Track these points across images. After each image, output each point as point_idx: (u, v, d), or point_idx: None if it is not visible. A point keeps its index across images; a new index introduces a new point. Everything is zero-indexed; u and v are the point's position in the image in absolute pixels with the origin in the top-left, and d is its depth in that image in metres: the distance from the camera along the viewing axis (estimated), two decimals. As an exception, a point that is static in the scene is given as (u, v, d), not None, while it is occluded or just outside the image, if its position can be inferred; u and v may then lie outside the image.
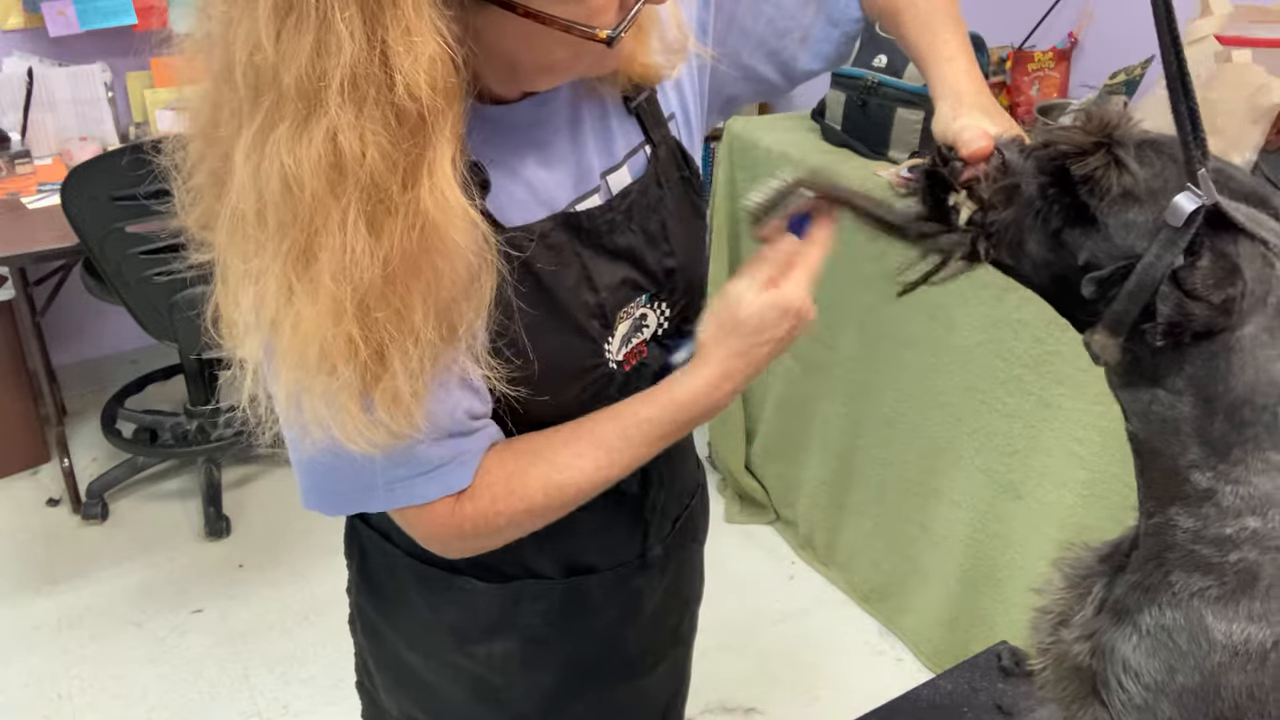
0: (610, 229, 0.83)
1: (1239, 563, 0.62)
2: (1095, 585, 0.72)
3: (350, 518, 1.04)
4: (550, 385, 0.81)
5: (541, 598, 0.97)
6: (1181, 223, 0.59)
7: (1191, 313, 0.60)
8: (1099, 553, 0.76)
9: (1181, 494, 0.65)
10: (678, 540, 1.06)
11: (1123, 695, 0.66)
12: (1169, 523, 0.66)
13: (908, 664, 2.24)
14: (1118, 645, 0.67)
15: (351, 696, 1.16)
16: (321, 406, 0.67)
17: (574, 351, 0.83)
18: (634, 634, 1.06)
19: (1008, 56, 2.42)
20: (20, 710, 2.11)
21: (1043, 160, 0.66)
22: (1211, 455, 0.63)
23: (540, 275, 0.79)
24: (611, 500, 0.89)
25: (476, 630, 0.97)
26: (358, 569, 1.06)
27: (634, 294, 0.86)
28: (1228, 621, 0.62)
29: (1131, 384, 0.66)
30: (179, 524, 2.66)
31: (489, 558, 0.89)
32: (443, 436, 0.76)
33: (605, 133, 0.85)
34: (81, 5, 2.61)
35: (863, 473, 2.31)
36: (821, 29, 0.98)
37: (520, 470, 0.80)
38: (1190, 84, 0.60)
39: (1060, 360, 1.79)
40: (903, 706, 1.13)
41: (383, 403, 0.67)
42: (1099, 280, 0.63)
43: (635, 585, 1.02)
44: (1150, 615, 0.66)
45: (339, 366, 0.65)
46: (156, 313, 2.35)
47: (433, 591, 0.97)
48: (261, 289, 0.66)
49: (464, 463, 0.78)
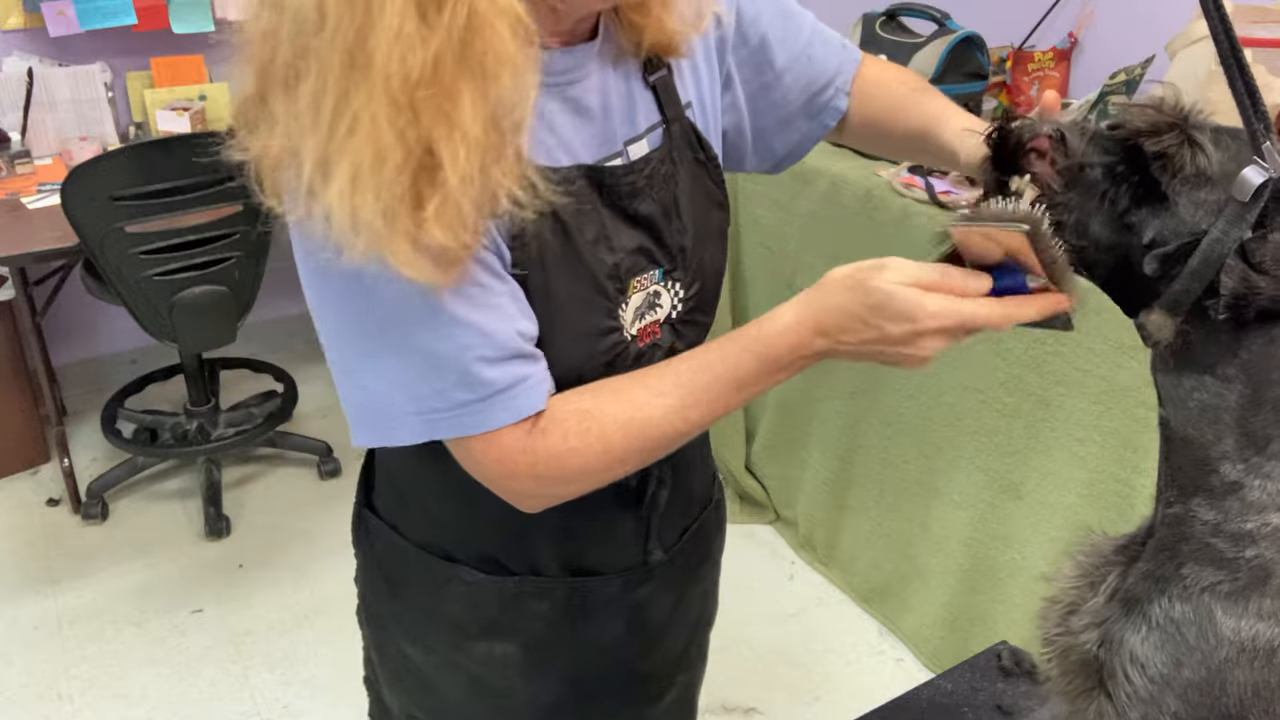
0: (632, 193, 0.83)
1: (1254, 559, 0.62)
2: (1110, 574, 0.72)
3: (358, 506, 1.02)
4: (567, 342, 0.80)
5: (543, 597, 0.96)
6: (1249, 196, 0.59)
7: (1258, 286, 0.59)
8: (1116, 543, 0.75)
9: (1207, 485, 0.65)
10: (685, 552, 1.04)
11: (1129, 687, 0.66)
12: (1189, 513, 0.66)
13: (908, 664, 2.24)
14: (1126, 636, 0.67)
15: (351, 696, 1.17)
16: (379, 220, 0.66)
17: (592, 308, 0.82)
18: (639, 651, 1.04)
19: (1008, 56, 2.42)
20: (20, 710, 2.11)
21: (1111, 140, 0.66)
22: (1247, 447, 0.63)
23: (564, 220, 0.78)
24: (610, 495, 0.88)
25: (476, 626, 0.97)
26: (365, 559, 1.05)
27: (649, 265, 0.85)
28: (1236, 618, 0.62)
29: (1178, 368, 0.66)
30: (179, 524, 2.66)
31: (494, 549, 0.90)
32: (506, 356, 0.74)
33: (629, 101, 0.85)
34: (81, 5, 2.61)
35: (863, 473, 2.31)
36: (802, 118, 1.00)
37: (595, 407, 0.77)
38: (1245, 60, 0.59)
39: (1060, 360, 1.79)
40: (903, 706, 1.13)
41: (438, 215, 0.66)
42: (1163, 256, 0.62)
43: (640, 596, 1.00)
44: (1160, 607, 0.66)
45: (391, 165, 0.64)
46: (156, 313, 2.35)
47: (436, 582, 0.96)
48: (320, 84, 0.65)
49: (531, 388, 0.75)
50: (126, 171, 2.15)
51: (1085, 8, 2.36)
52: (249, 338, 3.22)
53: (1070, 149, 0.67)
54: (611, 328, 0.83)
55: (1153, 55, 2.13)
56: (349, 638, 1.14)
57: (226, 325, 2.46)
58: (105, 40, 2.76)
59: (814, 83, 0.97)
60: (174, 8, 2.73)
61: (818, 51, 0.97)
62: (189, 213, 2.24)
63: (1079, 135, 0.68)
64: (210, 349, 2.58)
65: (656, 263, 0.86)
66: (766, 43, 0.95)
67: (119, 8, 2.65)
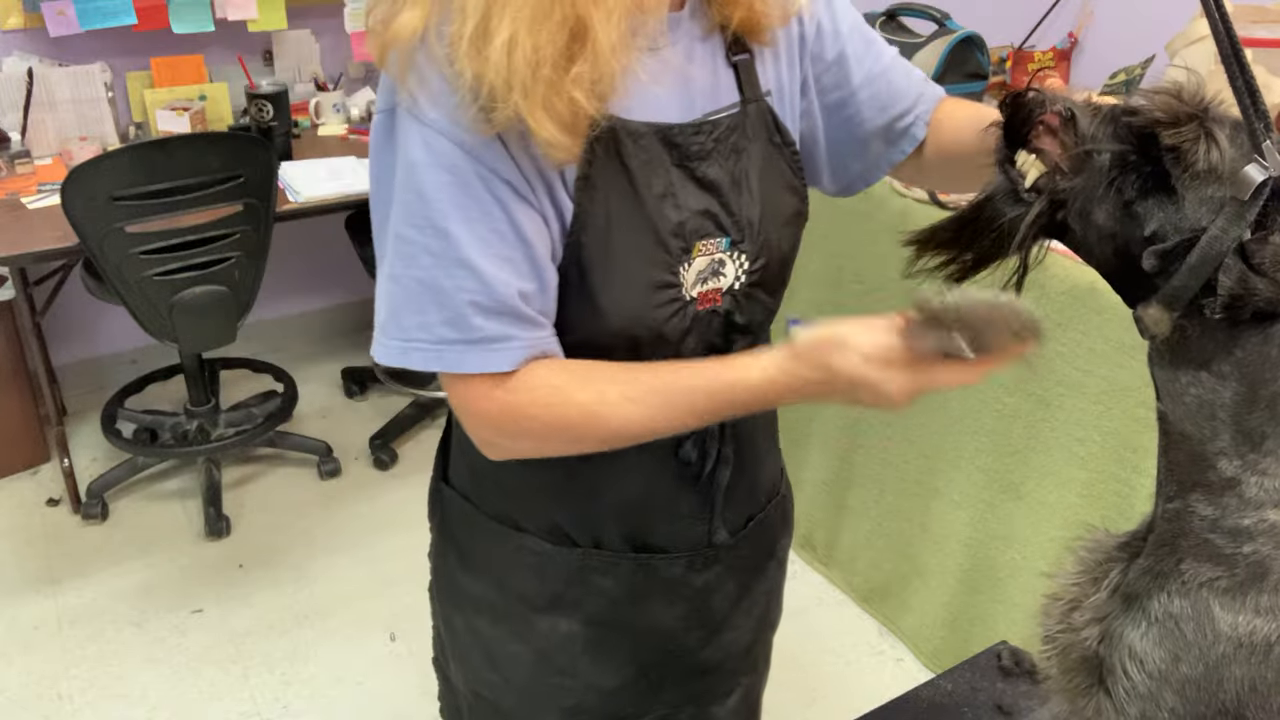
0: (700, 155, 0.86)
1: (1252, 555, 0.62)
2: (1113, 570, 0.71)
3: (435, 480, 1.07)
4: (622, 290, 0.83)
5: (607, 572, 0.98)
6: (1248, 195, 0.58)
7: (1255, 288, 0.58)
8: (1119, 539, 0.75)
9: (1204, 480, 0.65)
10: (750, 541, 1.05)
11: (1127, 683, 0.66)
12: (1187, 509, 0.66)
13: (908, 664, 2.24)
14: (1126, 632, 0.67)
15: (351, 696, 1.17)
16: (529, 78, 0.72)
17: (652, 260, 0.84)
18: (701, 640, 1.05)
19: (1008, 56, 2.42)
20: (20, 710, 2.11)
21: (1125, 127, 0.64)
22: (1243, 444, 0.62)
23: (631, 171, 0.82)
24: (672, 470, 0.94)
25: (543, 599, 0.99)
26: (439, 532, 1.08)
27: (715, 230, 0.87)
28: (1234, 613, 0.62)
29: (1174, 363, 0.65)
30: (179, 524, 2.66)
31: (561, 519, 0.95)
32: (499, 310, 0.79)
33: (714, 79, 0.88)
34: (81, 5, 2.61)
35: (863, 473, 2.31)
36: (879, 141, 1.00)
37: (568, 386, 0.82)
38: (1245, 58, 0.59)
39: (1060, 360, 1.79)
40: (903, 706, 1.13)
41: (578, 79, 0.74)
42: (1161, 253, 0.62)
43: (703, 580, 1.02)
44: (1159, 602, 0.66)
45: (547, 27, 0.72)
46: (156, 313, 2.35)
47: (505, 552, 0.99)
48: None
49: (509, 349, 0.80)
50: (126, 171, 2.15)
51: (1085, 8, 2.36)
52: (249, 338, 3.23)
53: (1080, 130, 0.66)
54: (668, 283, 0.85)
55: (1153, 55, 2.13)
56: (349, 638, 1.14)
57: (226, 325, 2.46)
58: (105, 40, 2.76)
59: (891, 107, 0.98)
60: (174, 8, 2.73)
61: (897, 78, 0.98)
62: (189, 213, 2.24)
63: (1089, 117, 0.66)
64: (210, 349, 2.58)
65: (724, 230, 0.88)
66: (845, 58, 0.96)
67: (119, 8, 2.65)
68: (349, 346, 3.47)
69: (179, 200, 2.21)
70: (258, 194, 2.32)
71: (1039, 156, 0.69)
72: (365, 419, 3.09)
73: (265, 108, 2.64)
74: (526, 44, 0.71)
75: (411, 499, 2.77)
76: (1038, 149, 0.69)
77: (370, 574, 2.49)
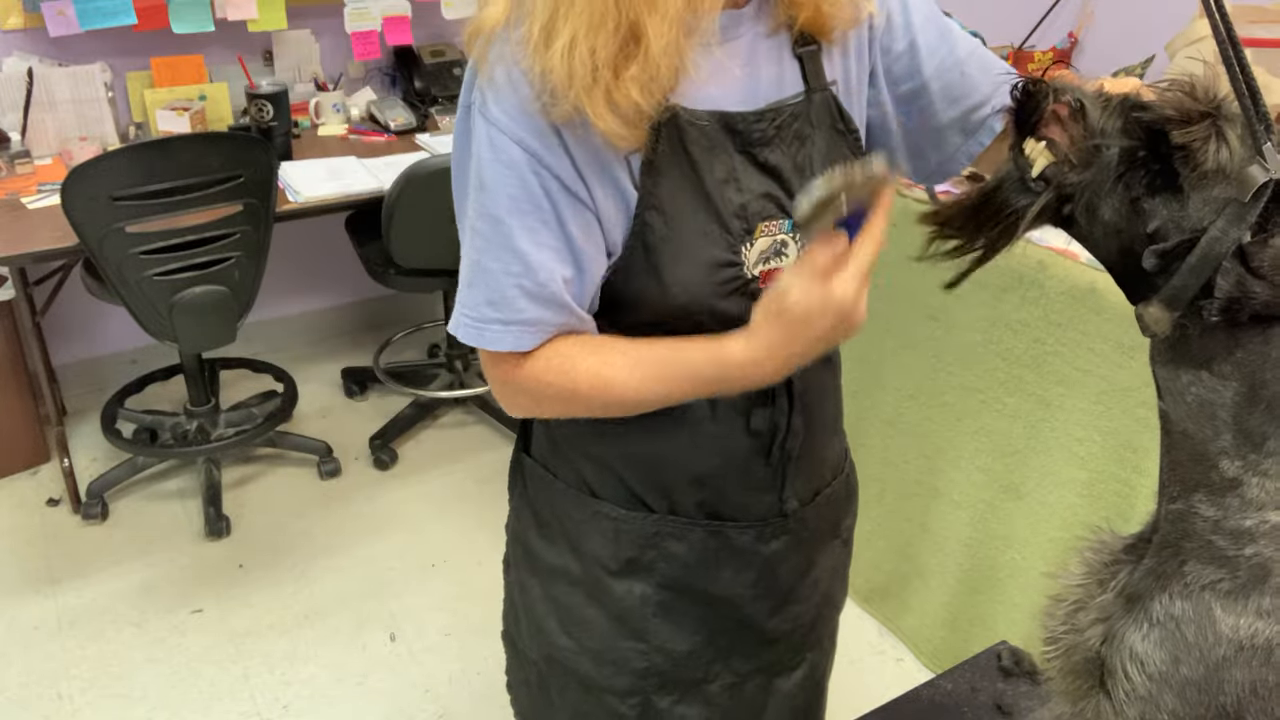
0: (762, 141, 0.89)
1: (1254, 557, 0.62)
2: (1120, 572, 0.71)
3: (516, 452, 1.13)
4: (685, 268, 0.88)
5: (681, 538, 1.02)
6: (1249, 196, 0.58)
7: (1252, 291, 0.58)
8: (1126, 541, 0.75)
9: (1207, 481, 0.64)
10: (818, 514, 1.09)
11: (1127, 685, 0.65)
12: (1190, 510, 0.65)
13: (908, 664, 2.24)
14: (1128, 633, 0.66)
15: (351, 696, 1.17)
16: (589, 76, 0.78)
17: (713, 240, 0.88)
18: (769, 610, 1.09)
19: (1008, 56, 2.42)
20: (20, 710, 2.11)
21: (1135, 122, 0.64)
22: (1244, 444, 0.62)
23: (693, 157, 0.86)
24: (744, 441, 0.99)
25: (617, 563, 1.04)
26: (518, 502, 1.14)
27: (778, 213, 0.91)
28: (1235, 616, 0.62)
29: (1175, 362, 0.65)
30: (179, 524, 2.66)
31: (637, 485, 1.01)
32: (542, 295, 0.86)
33: (779, 70, 0.91)
34: (81, 5, 2.61)
35: (863, 473, 2.30)
36: (956, 132, 1.01)
37: (578, 354, 0.89)
38: (1245, 59, 0.58)
39: (1060, 360, 1.79)
40: (903, 706, 1.13)
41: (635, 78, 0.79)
42: (1162, 252, 0.62)
43: (772, 550, 1.06)
44: (1160, 604, 0.65)
45: (604, 31, 0.78)
46: (156, 313, 2.35)
47: (583, 517, 1.04)
48: None
49: (536, 332, 0.88)
50: (126, 171, 2.14)
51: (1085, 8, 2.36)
52: (249, 338, 3.23)
53: (1089, 123, 0.65)
54: (730, 261, 0.89)
55: (1153, 55, 2.13)
56: (349, 638, 1.14)
57: (226, 325, 2.46)
58: (105, 40, 2.76)
59: (966, 98, 0.98)
60: (174, 8, 2.73)
61: (973, 70, 0.98)
62: (189, 213, 2.24)
63: (1099, 109, 0.65)
64: (210, 349, 2.58)
65: (786, 213, 0.91)
66: (916, 49, 0.97)
67: (119, 8, 2.65)
68: (349, 346, 3.47)
69: (179, 200, 2.21)
70: (258, 194, 2.32)
71: (1048, 146, 0.69)
72: (365, 419, 3.09)
73: (265, 108, 2.64)
74: (584, 46, 0.77)
75: (411, 499, 2.77)
76: (1047, 138, 0.69)
77: (370, 574, 2.49)
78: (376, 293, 3.38)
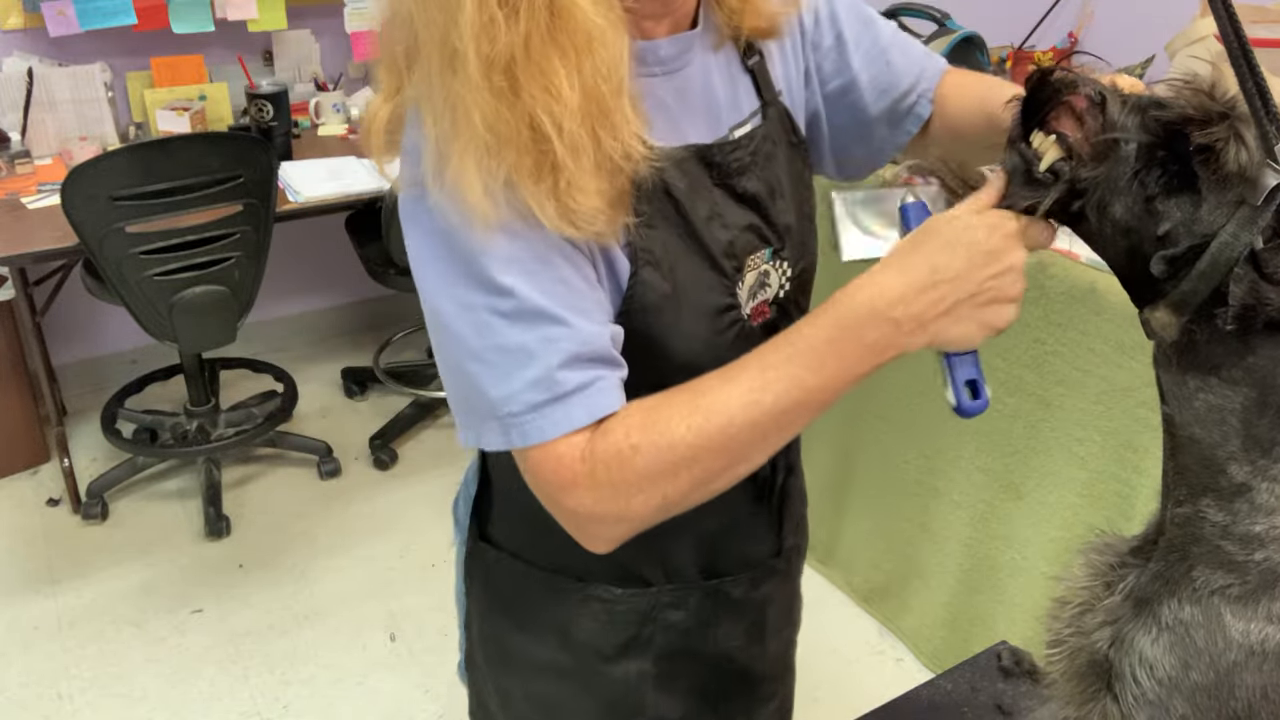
0: (740, 170, 0.83)
1: (1264, 562, 0.61)
2: (1128, 575, 0.70)
3: (472, 543, 0.98)
4: (691, 321, 0.80)
5: (680, 605, 0.94)
6: (1261, 200, 0.56)
7: (1267, 298, 0.57)
8: (1131, 543, 0.73)
9: (1215, 485, 0.63)
10: (798, 545, 1.05)
11: (1136, 690, 0.64)
12: (1198, 514, 0.64)
13: (908, 664, 2.24)
14: (1137, 638, 0.65)
15: (351, 696, 1.16)
16: (501, 195, 0.68)
17: (710, 285, 0.81)
18: (758, 654, 1.05)
19: (1008, 56, 2.42)
20: (20, 710, 2.11)
21: (1155, 121, 0.61)
22: (1254, 450, 0.61)
23: (677, 198, 0.79)
24: (748, 492, 0.92)
25: (613, 647, 0.94)
26: (482, 596, 1.00)
27: (759, 243, 0.85)
28: (1246, 621, 0.61)
29: (1182, 367, 0.63)
30: (179, 524, 2.66)
31: (631, 559, 0.83)
32: (589, 355, 0.71)
33: (733, 88, 0.86)
34: (81, 5, 2.61)
35: (863, 473, 2.31)
36: (883, 125, 0.97)
37: (658, 403, 0.71)
38: (1255, 59, 0.57)
39: (1060, 360, 1.79)
40: (903, 706, 1.13)
41: (556, 186, 0.68)
42: (1170, 258, 0.60)
43: (762, 594, 1.01)
44: (1169, 609, 0.64)
45: (500, 145, 0.67)
46: (156, 313, 2.35)
47: (568, 605, 0.93)
48: (426, 73, 0.70)
49: (605, 389, 0.71)
50: (126, 171, 2.14)
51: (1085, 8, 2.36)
52: (249, 338, 3.23)
53: (1109, 118, 0.63)
54: (730, 305, 0.83)
55: (1153, 55, 2.13)
56: (349, 638, 1.14)
57: (226, 325, 2.46)
58: (105, 40, 2.76)
59: (893, 88, 0.95)
60: (174, 8, 2.73)
61: (897, 58, 0.95)
62: (189, 213, 2.24)
63: (1120, 104, 0.63)
64: (210, 349, 2.58)
65: (766, 241, 0.86)
66: (843, 41, 0.94)
67: (119, 8, 2.65)
68: (349, 346, 3.47)
69: (179, 200, 2.21)
70: (258, 194, 2.32)
71: (1056, 139, 0.65)
72: (365, 419, 3.09)
73: (265, 108, 2.64)
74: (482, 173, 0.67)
75: (411, 499, 2.77)
76: (1057, 131, 0.65)
77: (370, 574, 2.49)
78: (376, 293, 3.38)
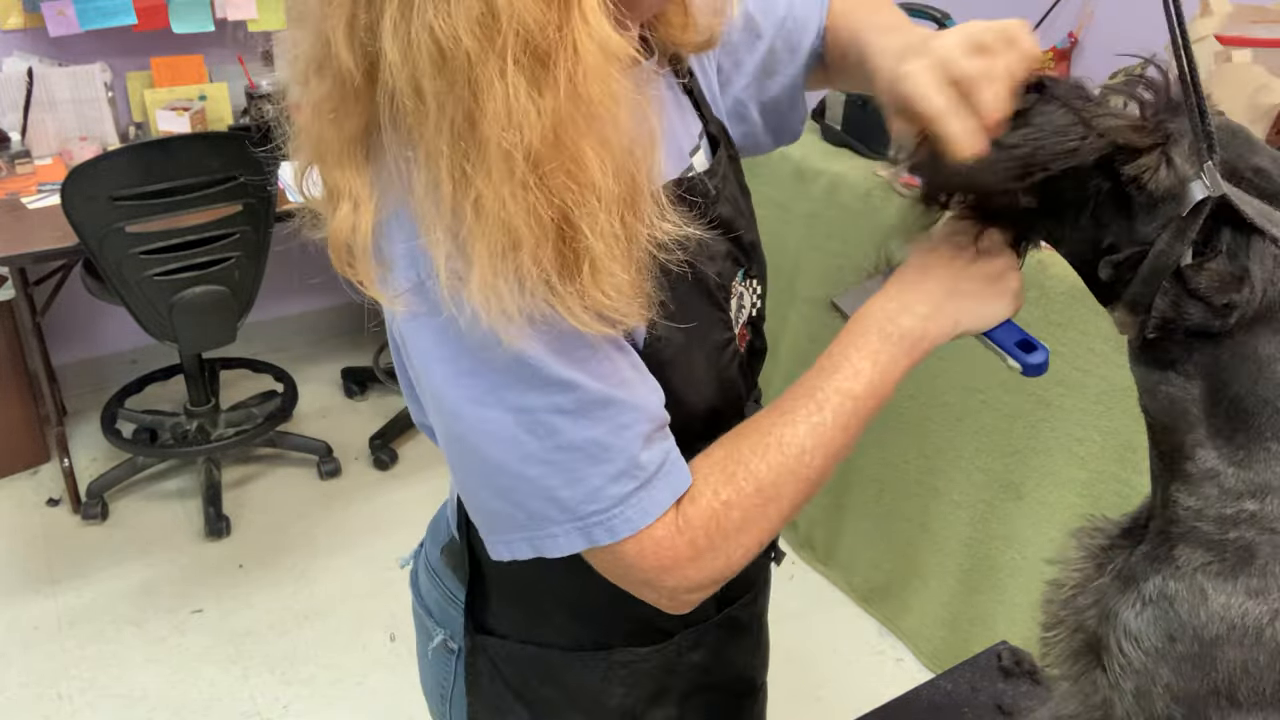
0: (716, 199, 0.81)
1: (1237, 540, 0.63)
2: (1118, 556, 0.72)
3: (469, 640, 0.92)
4: (701, 360, 0.78)
5: (699, 645, 0.93)
6: (1187, 211, 0.59)
7: (1187, 312, 0.60)
8: (1121, 525, 0.76)
9: (1184, 471, 0.66)
10: (779, 551, 1.05)
11: (1122, 659, 0.66)
12: (1176, 498, 0.67)
13: (908, 664, 2.24)
14: (1121, 611, 0.68)
15: (351, 696, 1.16)
16: (534, 298, 0.61)
17: (713, 323, 0.79)
18: (760, 663, 1.06)
19: (1008, 56, 2.41)
20: (20, 710, 2.11)
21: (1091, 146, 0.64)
22: (1217, 436, 0.64)
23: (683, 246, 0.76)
24: None
25: (642, 703, 0.92)
26: (493, 689, 0.93)
27: (735, 267, 0.83)
28: (1227, 595, 0.63)
29: (1146, 362, 0.67)
30: (179, 524, 2.66)
31: (650, 612, 0.76)
32: (657, 429, 0.68)
33: (682, 112, 0.83)
34: (81, 5, 2.61)
35: (863, 473, 2.31)
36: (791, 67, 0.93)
37: (726, 453, 0.70)
38: (1198, 77, 0.60)
39: (1060, 360, 1.79)
40: (903, 706, 1.13)
41: (592, 280, 0.61)
42: (1115, 264, 0.64)
43: (760, 605, 1.01)
44: (1154, 584, 0.67)
45: (529, 243, 0.59)
46: (156, 313, 2.35)
47: (594, 677, 0.90)
48: (434, 173, 0.60)
49: (676, 459, 0.69)
50: (126, 171, 2.15)
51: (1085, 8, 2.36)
52: (249, 338, 3.23)
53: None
54: (729, 339, 0.81)
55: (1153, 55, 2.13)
56: (349, 638, 1.14)
57: (226, 325, 2.46)
58: (105, 40, 2.76)
59: (804, 39, 0.92)
60: (174, 8, 2.73)
61: (799, 10, 0.92)
62: (189, 213, 2.24)
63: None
64: (210, 349, 2.58)
65: (739, 263, 0.84)
66: (750, 16, 0.91)
67: (119, 8, 2.65)
68: (349, 346, 3.47)
69: (179, 200, 2.21)
70: (257, 194, 2.32)
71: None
72: (365, 419, 3.09)
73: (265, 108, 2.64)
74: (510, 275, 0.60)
75: (411, 499, 2.77)
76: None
77: (370, 574, 2.50)
78: (376, 293, 3.38)
